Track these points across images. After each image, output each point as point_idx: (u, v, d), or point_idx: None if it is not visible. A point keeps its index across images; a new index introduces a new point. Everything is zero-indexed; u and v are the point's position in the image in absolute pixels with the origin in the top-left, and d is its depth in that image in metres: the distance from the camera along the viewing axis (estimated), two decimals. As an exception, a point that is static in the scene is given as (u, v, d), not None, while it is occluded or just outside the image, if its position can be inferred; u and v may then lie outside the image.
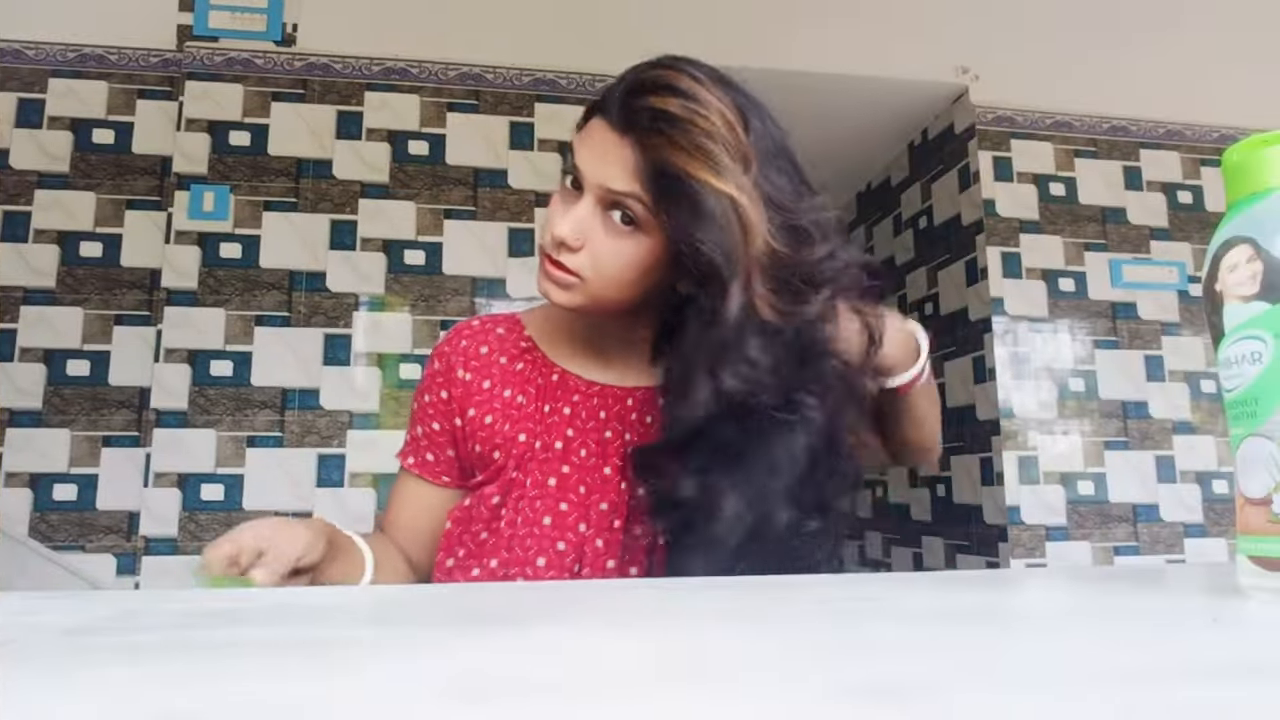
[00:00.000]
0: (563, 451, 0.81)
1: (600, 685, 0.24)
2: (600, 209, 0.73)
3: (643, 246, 0.73)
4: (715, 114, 0.69)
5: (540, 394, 0.83)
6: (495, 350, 0.86)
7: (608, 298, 0.75)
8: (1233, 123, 2.90)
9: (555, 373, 0.84)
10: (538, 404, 0.83)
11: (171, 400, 2.22)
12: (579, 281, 0.74)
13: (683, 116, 0.68)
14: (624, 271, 0.74)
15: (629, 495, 0.80)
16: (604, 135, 0.72)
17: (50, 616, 0.36)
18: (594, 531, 0.79)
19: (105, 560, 2.21)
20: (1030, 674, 0.25)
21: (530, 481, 0.80)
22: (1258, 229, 0.40)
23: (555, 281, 0.75)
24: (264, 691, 0.23)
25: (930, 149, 3.10)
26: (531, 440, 0.81)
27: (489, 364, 0.85)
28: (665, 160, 0.68)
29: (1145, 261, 2.82)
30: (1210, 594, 0.44)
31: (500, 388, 0.84)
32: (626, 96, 0.71)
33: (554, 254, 0.74)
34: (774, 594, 0.46)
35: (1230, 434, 0.42)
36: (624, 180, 0.71)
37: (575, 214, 0.73)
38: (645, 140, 0.69)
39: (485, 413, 0.83)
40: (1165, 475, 2.71)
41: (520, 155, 2.49)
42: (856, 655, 0.28)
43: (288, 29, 2.46)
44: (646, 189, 0.70)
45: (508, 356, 0.86)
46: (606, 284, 0.74)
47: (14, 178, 2.32)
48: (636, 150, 0.70)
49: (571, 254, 0.73)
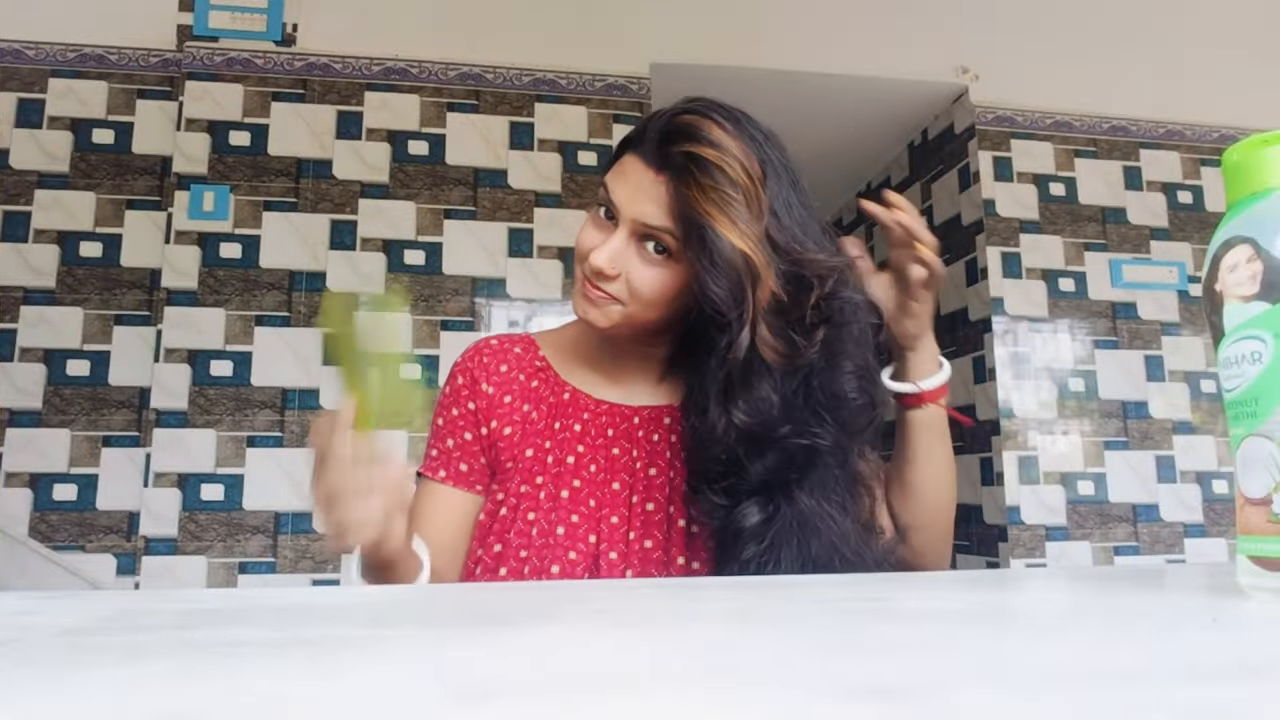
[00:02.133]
0: (574, 466, 0.84)
1: (600, 685, 0.24)
2: (635, 241, 0.78)
3: (675, 274, 0.78)
4: (739, 164, 0.75)
5: (552, 411, 0.87)
6: (514, 368, 0.89)
7: (643, 319, 0.80)
8: (1233, 123, 2.90)
9: (566, 391, 0.88)
10: (549, 420, 0.87)
11: (171, 400, 2.22)
12: (618, 306, 0.79)
13: (714, 163, 0.74)
14: (659, 296, 0.79)
15: (640, 510, 0.83)
16: (640, 173, 0.77)
17: (50, 616, 0.36)
18: (607, 544, 0.82)
19: (105, 560, 2.20)
20: (1030, 674, 0.25)
21: (544, 494, 0.83)
22: (1258, 229, 0.40)
23: (594, 303, 0.80)
24: (264, 691, 0.23)
25: (930, 149, 3.10)
26: (544, 455, 0.85)
27: (509, 380, 0.89)
28: (694, 206, 0.73)
29: (1145, 261, 2.82)
30: (1210, 594, 0.44)
31: (519, 402, 0.88)
32: (662, 139, 0.77)
33: (593, 279, 0.79)
34: (774, 594, 0.46)
35: (1230, 434, 0.42)
36: (658, 216, 0.76)
37: (611, 246, 0.78)
38: (678, 180, 0.74)
39: (505, 425, 0.87)
40: (1165, 475, 2.71)
41: (520, 155, 2.49)
42: (856, 655, 0.28)
43: (288, 29, 2.46)
44: (676, 226, 0.75)
45: (525, 374, 0.89)
46: (643, 308, 0.79)
47: (14, 178, 2.32)
48: (670, 189, 0.75)
49: (609, 282, 0.79)
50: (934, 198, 3.08)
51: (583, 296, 0.81)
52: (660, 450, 0.86)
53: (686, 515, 0.83)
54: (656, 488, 0.85)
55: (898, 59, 2.77)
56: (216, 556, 2.18)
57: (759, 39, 2.65)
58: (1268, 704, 0.21)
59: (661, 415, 0.87)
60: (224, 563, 2.18)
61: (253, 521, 2.20)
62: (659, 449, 0.86)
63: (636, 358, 0.88)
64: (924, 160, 3.15)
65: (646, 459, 0.85)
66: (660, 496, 0.84)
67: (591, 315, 0.81)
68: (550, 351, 0.92)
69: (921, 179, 3.18)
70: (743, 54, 2.61)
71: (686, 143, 0.75)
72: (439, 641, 0.32)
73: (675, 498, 0.84)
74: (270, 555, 2.20)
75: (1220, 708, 0.21)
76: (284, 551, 2.20)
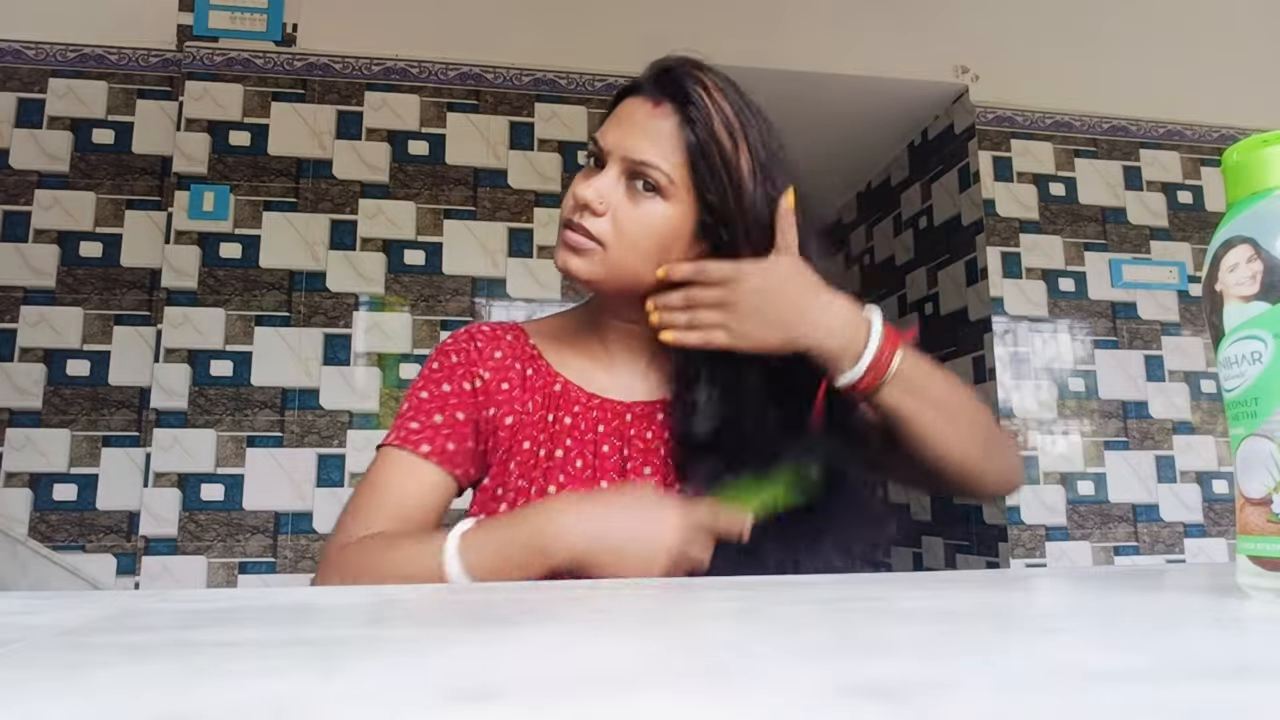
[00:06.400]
0: (561, 461, 0.81)
1: (601, 685, 0.24)
2: (624, 178, 0.76)
3: (664, 213, 0.76)
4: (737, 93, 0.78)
5: (545, 403, 0.84)
6: (508, 355, 0.86)
7: (626, 268, 0.77)
8: (1233, 123, 2.90)
9: (558, 382, 0.85)
10: (542, 412, 0.83)
11: (171, 400, 2.22)
12: (599, 249, 0.76)
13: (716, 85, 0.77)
14: (645, 238, 0.76)
15: None
16: (637, 109, 0.77)
17: (50, 616, 0.36)
18: None
19: (105, 560, 2.21)
20: (1030, 674, 0.25)
21: (535, 489, 0.80)
22: (1258, 229, 0.40)
23: (575, 248, 0.77)
24: (264, 691, 0.23)
25: (930, 149, 3.10)
26: (535, 448, 0.81)
27: (504, 367, 0.85)
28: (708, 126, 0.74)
29: (1145, 261, 2.82)
30: (1210, 594, 0.44)
31: (516, 390, 0.84)
32: (663, 72, 0.78)
33: (576, 218, 0.77)
34: (774, 594, 0.46)
35: (1230, 434, 0.42)
36: (649, 150, 0.75)
37: (600, 181, 0.76)
38: (682, 106, 0.75)
39: (506, 414, 0.83)
40: (1165, 475, 2.71)
41: (520, 155, 2.50)
42: (856, 655, 0.28)
43: (288, 29, 2.46)
44: (679, 150, 0.75)
45: (521, 362, 0.85)
46: (626, 251, 0.76)
47: (14, 178, 2.32)
48: (672, 117, 0.75)
49: (595, 218, 0.76)
50: (934, 198, 3.08)
51: (563, 246, 0.78)
52: (654, 449, 0.82)
53: None
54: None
55: (898, 59, 2.77)
56: (216, 556, 2.18)
57: (759, 39, 2.65)
58: (1268, 704, 0.21)
59: (654, 411, 0.83)
60: (224, 563, 2.18)
61: (253, 521, 2.20)
62: (653, 448, 0.82)
63: (621, 336, 0.85)
64: (924, 160, 3.15)
65: (640, 458, 0.82)
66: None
67: (573, 265, 0.77)
68: (539, 340, 0.88)
69: (921, 179, 3.18)
70: (743, 54, 2.61)
71: (691, 70, 0.77)
72: (439, 641, 0.32)
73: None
74: (270, 555, 2.20)
75: (1220, 708, 0.21)
76: (284, 551, 2.20)
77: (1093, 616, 0.38)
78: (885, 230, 3.50)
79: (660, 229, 0.76)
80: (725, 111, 0.76)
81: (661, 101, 0.76)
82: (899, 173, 3.37)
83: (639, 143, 0.75)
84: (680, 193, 0.75)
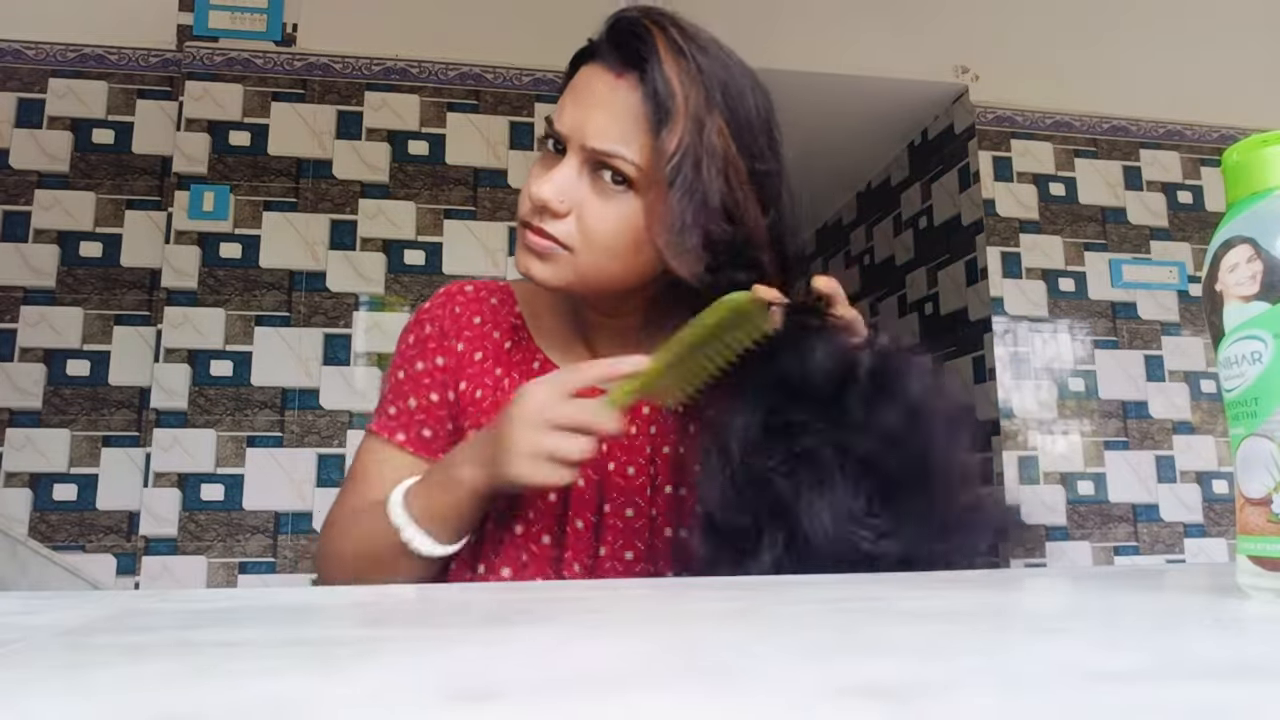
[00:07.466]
0: None
1: (600, 685, 0.24)
2: (587, 169, 0.65)
3: (637, 209, 0.65)
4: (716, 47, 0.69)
5: (521, 381, 0.74)
6: (489, 322, 0.78)
7: (598, 272, 0.67)
8: (1233, 123, 2.90)
9: (537, 359, 0.77)
10: None
11: (171, 400, 2.22)
12: (566, 253, 0.66)
13: (687, 55, 0.65)
14: (617, 239, 0.65)
15: (618, 516, 0.73)
16: (596, 80, 0.66)
17: (50, 616, 0.36)
18: (571, 553, 0.73)
19: (105, 560, 2.20)
20: (1030, 674, 0.25)
21: None
22: (1258, 229, 0.40)
23: (537, 253, 0.66)
24: (264, 691, 0.23)
25: (930, 149, 3.10)
26: None
27: (482, 336, 0.77)
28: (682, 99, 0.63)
29: (1145, 261, 2.82)
30: (1210, 594, 0.44)
31: (492, 364, 0.76)
32: (626, 31, 0.66)
33: (535, 220, 0.66)
34: (774, 594, 0.46)
35: (1230, 434, 0.42)
36: (614, 132, 0.64)
37: (557, 175, 0.65)
38: (647, 75, 0.64)
39: (476, 387, 0.75)
40: (1165, 475, 2.71)
41: (520, 155, 2.49)
42: (856, 655, 0.28)
43: (288, 29, 2.46)
44: (648, 132, 0.63)
45: (500, 331, 0.77)
46: (597, 255, 0.66)
47: (14, 178, 2.32)
48: (638, 88, 0.64)
49: (556, 220, 0.65)
50: (934, 198, 3.08)
51: (524, 248, 0.67)
52: (639, 447, 0.74)
53: (675, 523, 0.72)
54: (636, 490, 0.73)
55: (897, 59, 2.77)
56: (216, 556, 2.18)
57: (759, 39, 2.65)
58: (1268, 704, 0.21)
59: (639, 405, 0.73)
60: (224, 563, 2.18)
61: (253, 521, 2.20)
62: (637, 445, 0.74)
63: (608, 329, 0.76)
64: (924, 160, 3.15)
65: (623, 457, 0.74)
66: (641, 500, 0.73)
67: (536, 271, 0.67)
68: (526, 307, 0.79)
69: (921, 179, 3.18)
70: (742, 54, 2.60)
71: (657, 27, 0.65)
72: (438, 641, 0.32)
73: (659, 501, 0.73)
74: (270, 555, 2.20)
75: (1220, 707, 0.21)
76: (284, 551, 2.20)
77: (1093, 616, 0.38)
78: (885, 230, 3.50)
79: (633, 228, 0.65)
80: (702, 79, 0.65)
81: (624, 72, 0.65)
82: (899, 173, 3.37)
83: (601, 126, 0.64)
84: (655, 178, 0.64)
